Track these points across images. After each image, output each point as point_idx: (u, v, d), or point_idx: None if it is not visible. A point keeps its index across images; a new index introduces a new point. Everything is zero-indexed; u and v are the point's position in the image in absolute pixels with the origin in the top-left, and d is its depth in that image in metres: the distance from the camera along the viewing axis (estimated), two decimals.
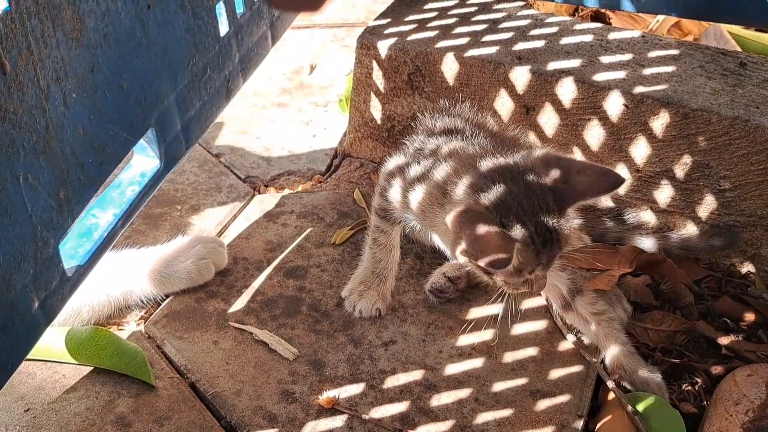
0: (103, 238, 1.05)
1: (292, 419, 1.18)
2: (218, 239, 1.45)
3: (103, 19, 0.95)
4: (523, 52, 1.51)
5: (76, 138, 0.93)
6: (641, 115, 1.39)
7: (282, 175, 1.70)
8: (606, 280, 1.34)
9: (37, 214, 0.88)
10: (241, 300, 1.37)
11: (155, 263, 1.36)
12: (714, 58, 1.50)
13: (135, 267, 1.36)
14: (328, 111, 1.90)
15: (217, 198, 1.62)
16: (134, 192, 1.12)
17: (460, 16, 1.66)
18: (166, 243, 1.42)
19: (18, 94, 0.82)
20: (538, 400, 1.22)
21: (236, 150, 1.77)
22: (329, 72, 2.05)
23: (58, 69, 0.88)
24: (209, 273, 1.39)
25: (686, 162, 1.39)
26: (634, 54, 1.50)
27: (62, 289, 0.96)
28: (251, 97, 1.94)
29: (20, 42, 0.81)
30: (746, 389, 1.15)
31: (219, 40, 1.25)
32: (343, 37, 2.19)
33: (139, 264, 1.36)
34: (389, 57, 1.56)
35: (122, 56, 1.00)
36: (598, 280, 1.33)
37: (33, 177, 0.86)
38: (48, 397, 1.20)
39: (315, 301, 1.38)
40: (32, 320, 0.91)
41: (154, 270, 1.36)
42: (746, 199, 1.36)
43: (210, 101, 1.26)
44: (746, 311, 1.36)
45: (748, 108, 1.35)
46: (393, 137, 1.65)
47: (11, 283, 0.86)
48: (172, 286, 1.37)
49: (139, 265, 1.36)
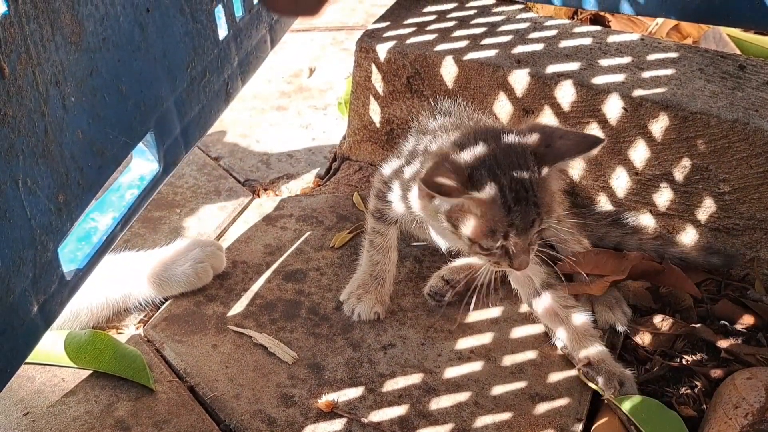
0: (102, 242, 1.05)
1: (291, 423, 1.18)
2: (216, 243, 1.45)
3: (102, 23, 0.95)
4: (522, 55, 1.51)
5: (75, 142, 0.93)
6: (640, 118, 1.39)
7: (281, 179, 1.70)
8: (599, 285, 1.34)
9: (36, 218, 0.88)
10: (240, 303, 1.37)
11: (154, 266, 1.36)
12: (713, 61, 1.50)
13: (134, 270, 1.36)
14: (327, 114, 1.91)
15: (216, 201, 1.62)
16: (133, 195, 1.12)
17: (459, 19, 1.66)
18: (165, 246, 1.42)
19: (17, 98, 0.82)
20: (537, 404, 1.22)
21: (235, 153, 1.77)
22: (328, 75, 2.05)
23: (57, 73, 0.88)
24: (207, 276, 1.39)
25: (685, 165, 1.39)
26: (634, 57, 1.50)
27: (61, 292, 0.96)
28: (250, 101, 1.94)
29: (19, 46, 0.81)
30: (746, 393, 1.15)
31: (218, 44, 1.25)
32: (342, 40, 2.19)
33: (138, 267, 1.36)
34: (388, 60, 1.56)
35: (121, 60, 1.00)
36: (591, 285, 1.33)
37: (32, 181, 0.86)
38: (47, 400, 1.20)
39: (314, 304, 1.38)
40: (31, 324, 0.91)
41: (153, 273, 1.35)
42: (745, 202, 1.36)
43: (209, 105, 1.26)
44: (745, 314, 1.36)
45: (748, 111, 1.35)
46: (392, 140, 1.65)
47: (10, 287, 0.86)
48: (171, 290, 1.37)
49: (137, 268, 1.36)
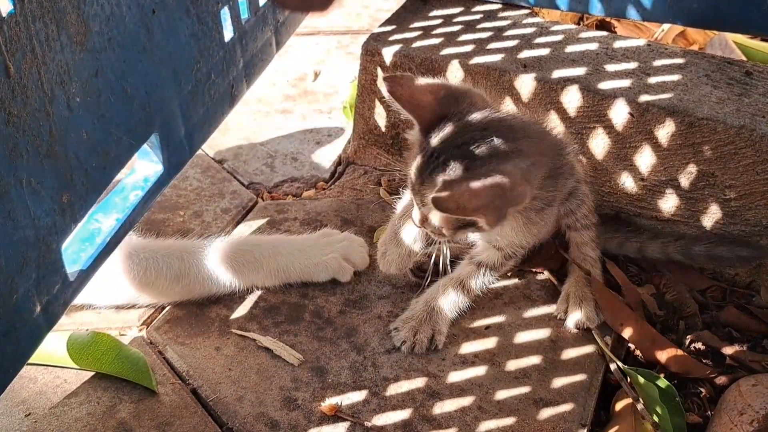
0: (106, 243, 1.05)
1: (294, 426, 1.17)
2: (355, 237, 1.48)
3: (108, 24, 0.95)
4: (528, 60, 1.51)
5: (79, 142, 0.93)
6: (646, 124, 1.39)
7: (285, 182, 1.70)
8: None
9: (40, 219, 0.88)
10: (244, 306, 1.37)
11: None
12: (720, 67, 1.49)
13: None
14: (332, 118, 1.90)
15: (220, 204, 1.62)
16: (137, 197, 1.12)
17: (465, 23, 1.66)
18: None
19: (22, 97, 0.82)
20: (541, 409, 1.21)
21: (239, 156, 1.77)
22: (333, 79, 2.05)
23: (62, 73, 0.88)
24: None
25: (691, 171, 1.38)
26: (640, 62, 1.50)
27: (64, 293, 0.96)
28: (255, 104, 1.94)
29: (24, 45, 0.81)
30: (751, 399, 1.15)
31: (223, 46, 1.25)
32: (347, 44, 2.19)
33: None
34: (394, 64, 1.56)
35: (126, 61, 1.00)
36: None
37: (36, 181, 0.86)
38: (49, 402, 1.20)
39: (318, 308, 1.37)
40: (34, 325, 0.91)
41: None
42: (751, 209, 1.36)
43: (214, 107, 1.26)
44: (751, 321, 1.35)
45: (754, 117, 1.34)
46: (397, 144, 1.65)
47: (14, 287, 0.85)
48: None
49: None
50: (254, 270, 1.37)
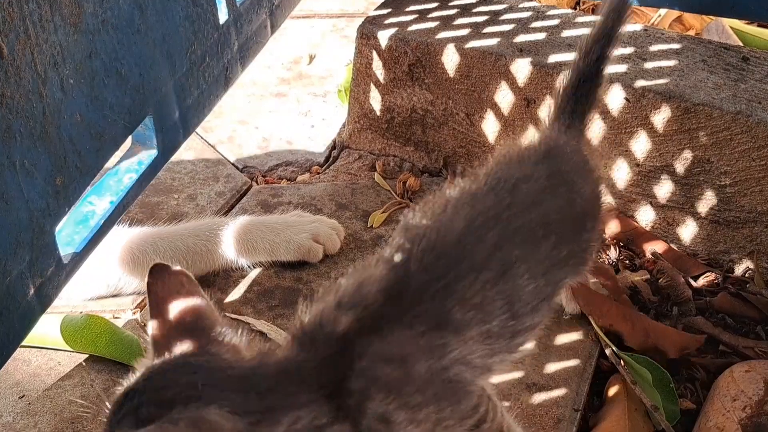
0: (100, 226, 1.04)
1: None
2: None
3: (102, 5, 0.94)
4: (524, 44, 1.50)
5: (73, 124, 0.92)
6: (642, 109, 1.38)
7: (280, 166, 1.70)
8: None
9: (34, 201, 0.87)
10: (238, 290, 1.37)
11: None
12: (716, 53, 1.49)
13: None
14: (327, 102, 1.90)
15: (214, 187, 1.62)
16: (131, 180, 1.11)
17: (461, 7, 1.65)
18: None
19: (15, 79, 0.81)
20: (534, 394, 1.21)
21: (234, 139, 1.77)
22: (328, 62, 2.04)
23: (55, 54, 0.87)
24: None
25: (687, 157, 1.38)
26: (636, 47, 1.49)
27: (58, 276, 0.96)
28: (249, 87, 1.93)
29: (18, 26, 0.80)
30: (744, 385, 1.15)
31: (218, 28, 1.24)
32: (342, 27, 2.18)
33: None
34: (389, 47, 1.55)
35: (120, 42, 0.99)
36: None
37: (30, 163, 0.86)
38: (43, 384, 1.20)
39: (312, 292, 1.37)
40: (27, 307, 0.90)
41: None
42: (746, 195, 1.36)
43: (208, 90, 1.25)
44: (745, 308, 1.35)
45: (750, 103, 1.34)
46: (392, 129, 1.64)
47: (7, 269, 0.85)
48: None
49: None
50: (221, 244, 1.37)
